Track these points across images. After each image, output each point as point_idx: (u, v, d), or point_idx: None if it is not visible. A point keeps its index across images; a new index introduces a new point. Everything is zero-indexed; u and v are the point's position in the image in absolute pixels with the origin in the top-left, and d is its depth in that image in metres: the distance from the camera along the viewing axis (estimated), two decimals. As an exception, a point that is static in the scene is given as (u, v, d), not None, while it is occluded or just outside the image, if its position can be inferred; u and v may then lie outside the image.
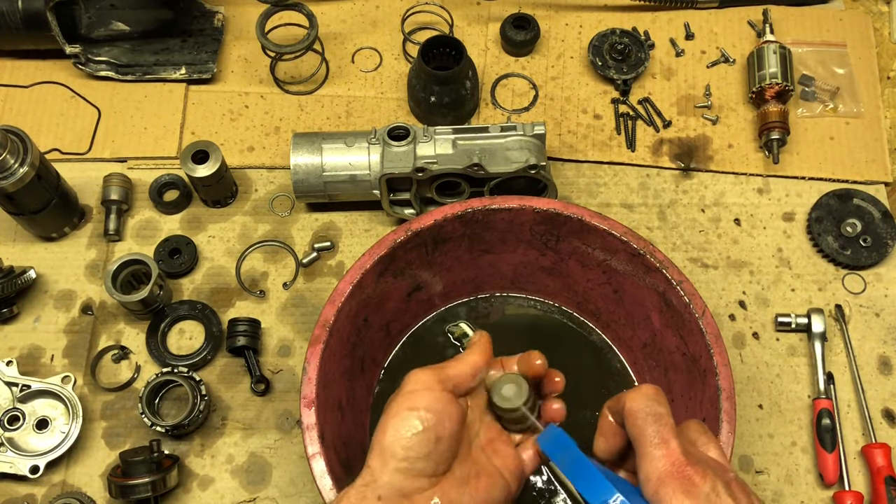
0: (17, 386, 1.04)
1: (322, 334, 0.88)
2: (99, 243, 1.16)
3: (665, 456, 0.59)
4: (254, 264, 1.16)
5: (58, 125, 1.23)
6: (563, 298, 1.09)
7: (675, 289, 0.92)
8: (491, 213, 0.96)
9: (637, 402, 0.63)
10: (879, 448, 1.03)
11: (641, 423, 0.62)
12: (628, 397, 0.63)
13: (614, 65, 1.26)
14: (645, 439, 0.61)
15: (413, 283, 1.02)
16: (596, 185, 1.22)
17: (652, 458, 0.60)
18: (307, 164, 1.11)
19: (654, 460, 0.60)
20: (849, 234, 1.16)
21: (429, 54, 1.20)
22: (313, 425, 0.83)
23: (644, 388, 0.64)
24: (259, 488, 1.03)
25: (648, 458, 0.60)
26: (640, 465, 0.61)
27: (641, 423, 0.62)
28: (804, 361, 1.11)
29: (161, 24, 1.28)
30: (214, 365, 1.10)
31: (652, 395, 0.63)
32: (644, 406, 0.62)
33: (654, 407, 0.62)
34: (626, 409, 0.63)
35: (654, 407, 0.62)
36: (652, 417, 0.61)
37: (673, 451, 0.59)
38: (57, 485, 1.02)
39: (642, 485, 0.60)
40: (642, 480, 0.60)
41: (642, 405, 0.62)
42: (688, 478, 0.58)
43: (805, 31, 1.33)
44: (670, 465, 0.59)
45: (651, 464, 0.60)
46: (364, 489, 0.65)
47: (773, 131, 1.20)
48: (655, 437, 0.60)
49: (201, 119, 1.25)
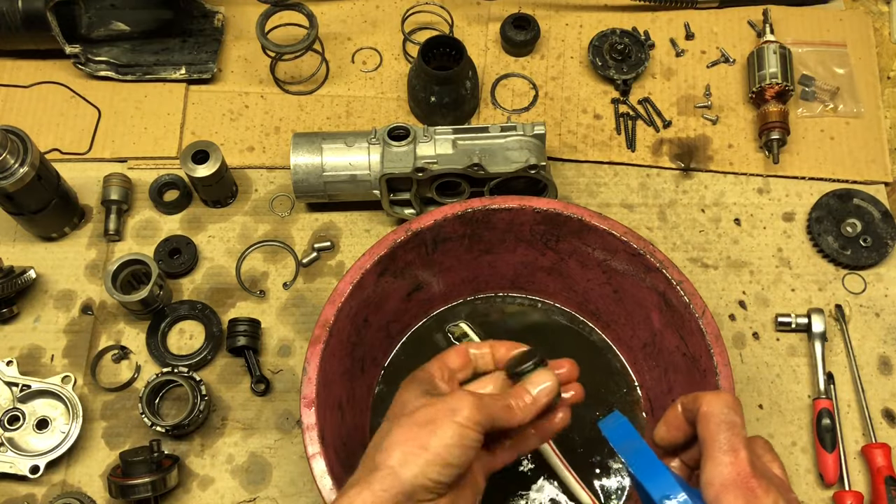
0: (17, 386, 1.04)
1: (322, 334, 0.88)
2: (99, 243, 1.16)
3: (732, 464, 0.60)
4: (254, 264, 1.16)
5: (58, 125, 1.23)
6: (563, 298, 1.09)
7: (675, 289, 0.92)
8: (491, 213, 0.96)
9: (714, 407, 0.64)
10: (879, 448, 1.03)
11: (715, 427, 0.63)
12: (705, 400, 0.65)
13: (614, 65, 1.26)
14: (715, 444, 0.62)
15: (413, 283, 1.02)
16: (596, 185, 1.22)
17: (719, 464, 0.61)
18: (307, 164, 1.11)
19: (720, 466, 0.61)
20: (849, 234, 1.16)
21: (429, 54, 1.20)
22: (313, 425, 0.83)
23: (724, 395, 0.65)
24: (259, 488, 1.03)
25: (715, 462, 0.61)
26: (705, 467, 0.62)
27: (715, 427, 0.63)
28: (804, 361, 1.11)
29: (161, 24, 1.28)
30: (214, 365, 1.10)
31: (731, 403, 0.64)
32: (720, 411, 0.63)
33: (730, 415, 0.63)
34: (701, 410, 0.64)
35: (730, 415, 0.63)
36: (726, 424, 0.63)
37: (741, 460, 0.61)
38: (57, 485, 1.02)
39: (704, 488, 0.61)
40: (704, 483, 0.61)
41: (718, 410, 0.63)
42: (751, 489, 0.59)
43: (805, 31, 1.33)
44: (736, 473, 0.60)
45: (717, 469, 0.61)
46: (384, 494, 0.64)
47: (773, 131, 1.20)
48: (726, 443, 0.62)
49: (201, 119, 1.25)
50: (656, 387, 1.01)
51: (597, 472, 1.00)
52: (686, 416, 0.68)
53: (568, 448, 1.00)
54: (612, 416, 0.71)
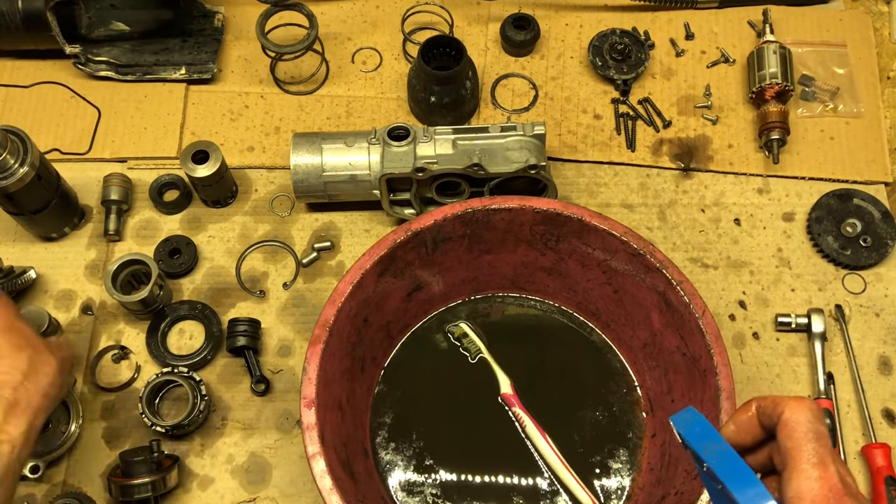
0: (17, 386, 1.03)
1: (322, 334, 0.88)
2: (99, 243, 1.16)
3: (822, 478, 0.58)
4: (254, 264, 1.16)
5: (58, 125, 1.23)
6: (563, 298, 1.09)
7: (675, 289, 0.92)
8: (491, 213, 0.96)
9: (800, 415, 0.61)
10: (879, 448, 1.03)
11: (801, 437, 0.60)
12: (789, 406, 0.62)
13: (614, 65, 1.26)
14: (802, 455, 0.60)
15: (413, 283, 1.02)
16: (596, 185, 1.22)
17: (808, 477, 0.59)
18: (307, 164, 1.11)
19: (810, 479, 0.59)
20: (849, 234, 1.16)
21: (429, 54, 1.20)
22: (313, 425, 0.83)
23: (808, 403, 0.62)
24: (259, 488, 1.03)
25: (804, 475, 0.59)
26: (791, 479, 0.60)
27: (801, 437, 0.60)
28: (804, 361, 1.11)
29: (161, 24, 1.28)
30: (214, 365, 1.10)
31: (816, 411, 0.62)
32: (806, 421, 0.61)
33: (816, 425, 0.61)
34: (784, 417, 0.62)
35: (816, 425, 0.61)
36: (813, 434, 0.60)
37: (831, 475, 0.58)
38: (57, 485, 1.02)
39: (792, 501, 0.59)
40: (793, 496, 0.59)
41: (805, 419, 0.61)
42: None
43: (805, 31, 1.33)
44: (828, 489, 0.58)
45: (806, 482, 0.59)
46: None
47: (773, 131, 1.20)
48: (814, 456, 0.59)
49: (201, 119, 1.25)
50: (656, 387, 1.01)
51: (597, 472, 1.00)
52: (762, 420, 0.65)
53: (568, 448, 1.01)
54: (686, 410, 0.66)
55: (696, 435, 0.64)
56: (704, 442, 0.63)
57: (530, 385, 1.05)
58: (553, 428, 1.01)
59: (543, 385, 1.05)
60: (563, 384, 1.06)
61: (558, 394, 1.05)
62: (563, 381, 1.06)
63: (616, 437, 1.02)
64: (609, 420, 1.03)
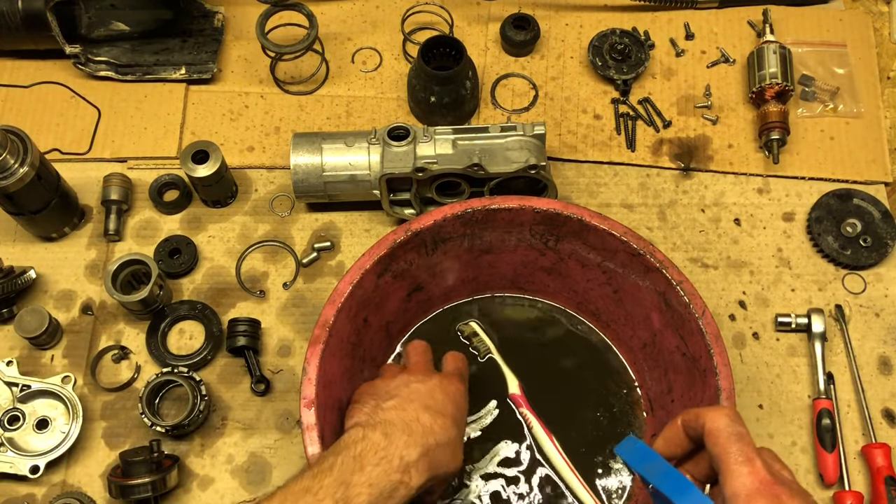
0: (17, 386, 1.04)
1: (322, 334, 0.88)
2: (99, 243, 1.16)
3: (751, 473, 0.62)
4: (254, 264, 1.16)
5: (58, 125, 1.23)
6: (563, 298, 1.09)
7: (675, 289, 0.92)
8: (491, 213, 0.96)
9: (720, 422, 0.66)
10: (879, 448, 1.03)
11: (725, 441, 0.65)
12: (709, 417, 0.67)
13: (614, 65, 1.26)
14: (730, 457, 0.64)
15: (413, 283, 1.02)
16: (596, 185, 1.22)
17: (739, 475, 0.63)
18: (307, 164, 1.11)
19: (741, 477, 0.62)
20: (849, 234, 1.16)
21: (429, 54, 1.20)
22: (313, 425, 0.83)
23: (724, 409, 0.67)
24: (259, 488, 1.03)
25: (735, 474, 0.63)
26: (726, 481, 0.63)
27: (725, 441, 0.65)
28: (804, 361, 1.11)
29: (161, 24, 1.28)
30: (214, 365, 1.10)
31: (733, 416, 0.67)
32: (726, 426, 0.65)
33: (736, 427, 0.66)
34: (707, 427, 0.66)
35: (736, 427, 0.66)
36: (735, 436, 0.65)
37: (759, 469, 0.63)
38: (57, 485, 1.02)
39: (730, 500, 0.62)
40: (730, 496, 0.63)
41: (724, 425, 0.66)
42: (776, 496, 0.61)
43: (805, 31, 1.33)
44: (758, 482, 0.62)
45: (739, 480, 0.62)
46: None
47: (773, 131, 1.20)
48: (740, 455, 0.64)
49: (201, 119, 1.25)
50: (656, 387, 1.01)
51: (598, 472, 1.00)
52: (689, 433, 0.69)
53: (569, 448, 1.01)
54: (627, 440, 0.73)
55: (638, 459, 0.70)
56: (646, 464, 0.69)
57: (530, 385, 1.05)
58: (554, 428, 1.01)
59: (543, 385, 1.05)
60: (563, 384, 1.06)
61: (558, 394, 1.05)
62: (563, 381, 1.06)
63: (617, 437, 1.02)
64: (609, 420, 1.03)
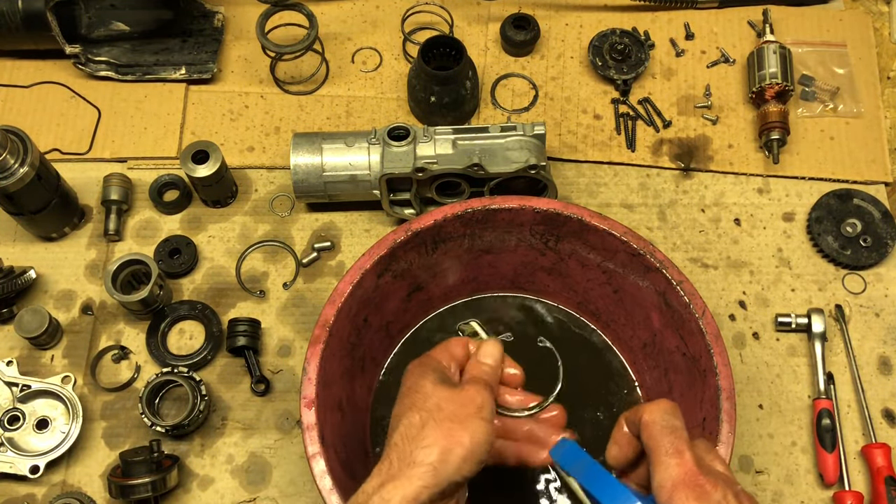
0: (17, 386, 1.04)
1: (322, 334, 0.88)
2: (99, 243, 1.16)
3: (679, 465, 0.63)
4: (254, 264, 1.16)
5: (58, 125, 1.23)
6: (563, 298, 1.09)
7: (675, 289, 0.92)
8: (491, 213, 0.96)
9: (654, 415, 0.67)
10: (879, 448, 1.03)
11: (658, 433, 0.66)
12: (646, 410, 0.67)
13: (614, 65, 1.26)
14: (660, 449, 0.65)
15: (413, 283, 1.02)
16: (596, 185, 1.22)
17: (667, 467, 0.64)
18: (307, 164, 1.11)
19: (668, 468, 0.63)
20: (849, 234, 1.16)
21: (429, 54, 1.20)
22: (313, 425, 0.83)
23: (661, 403, 0.68)
24: (259, 488, 1.03)
25: (663, 466, 0.64)
26: (654, 472, 0.64)
27: (658, 433, 0.66)
28: (804, 361, 1.11)
29: (161, 24, 1.28)
30: (214, 365, 1.10)
31: (669, 409, 0.67)
32: (661, 419, 0.66)
33: (670, 420, 0.66)
34: (643, 420, 0.67)
35: (670, 420, 0.66)
36: (668, 429, 0.66)
37: (687, 461, 0.63)
38: (57, 485, 1.02)
39: (656, 492, 0.64)
40: (656, 487, 0.64)
41: (659, 417, 0.66)
42: (700, 486, 0.62)
43: (805, 31, 1.33)
44: (684, 473, 0.63)
45: (666, 472, 0.63)
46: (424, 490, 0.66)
47: (773, 131, 1.20)
48: (671, 447, 0.64)
49: (201, 119, 1.25)
50: (656, 387, 1.01)
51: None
52: (632, 430, 0.70)
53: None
54: (560, 442, 0.75)
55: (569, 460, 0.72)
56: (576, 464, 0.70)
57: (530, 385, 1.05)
58: (553, 428, 1.01)
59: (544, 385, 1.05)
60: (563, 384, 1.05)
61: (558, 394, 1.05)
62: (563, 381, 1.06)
63: (616, 437, 1.02)
64: (610, 420, 1.03)
